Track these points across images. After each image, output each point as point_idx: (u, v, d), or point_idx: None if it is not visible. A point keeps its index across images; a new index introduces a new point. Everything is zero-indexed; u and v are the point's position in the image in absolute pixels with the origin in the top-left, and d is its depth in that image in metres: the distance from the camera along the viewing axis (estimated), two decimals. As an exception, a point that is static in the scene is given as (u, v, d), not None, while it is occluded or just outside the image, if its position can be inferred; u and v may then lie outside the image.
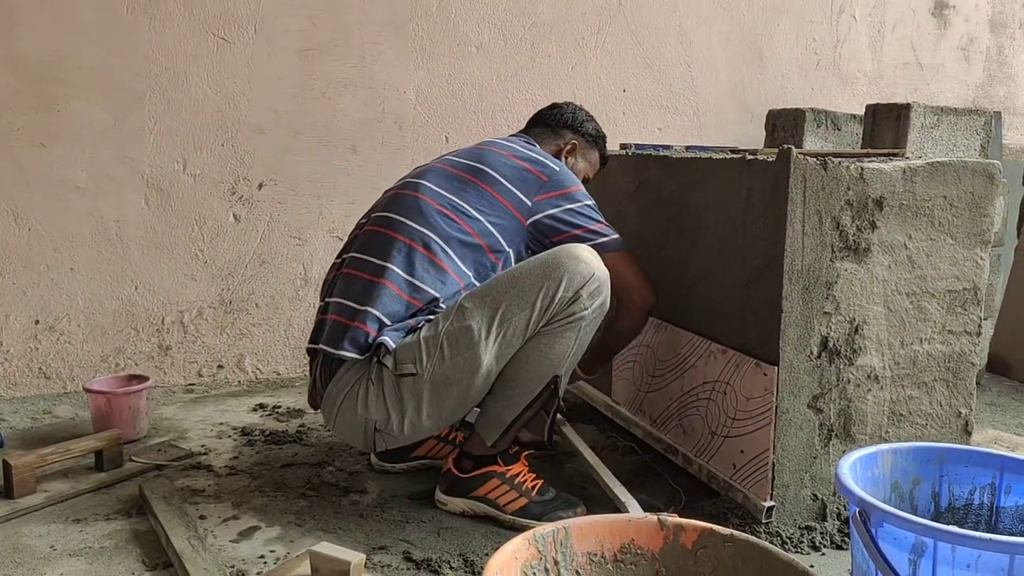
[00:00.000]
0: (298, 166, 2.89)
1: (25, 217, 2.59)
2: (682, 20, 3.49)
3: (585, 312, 1.70)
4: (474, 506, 1.83)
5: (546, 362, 1.71)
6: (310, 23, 2.84)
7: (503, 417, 1.76)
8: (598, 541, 1.34)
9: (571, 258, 1.70)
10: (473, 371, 1.68)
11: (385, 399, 1.72)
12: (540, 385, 1.73)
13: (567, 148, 2.09)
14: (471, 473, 1.82)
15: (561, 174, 1.89)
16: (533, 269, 1.71)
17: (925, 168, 1.80)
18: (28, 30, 2.52)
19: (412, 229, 1.79)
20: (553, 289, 1.67)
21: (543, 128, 2.11)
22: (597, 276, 1.71)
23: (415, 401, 1.71)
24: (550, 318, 1.69)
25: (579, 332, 1.72)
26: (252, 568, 1.60)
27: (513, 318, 1.67)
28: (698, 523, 1.35)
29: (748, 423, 1.81)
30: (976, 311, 1.90)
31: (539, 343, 1.70)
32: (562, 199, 1.86)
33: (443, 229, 1.79)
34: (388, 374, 1.70)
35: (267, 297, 2.91)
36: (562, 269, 1.68)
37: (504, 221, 1.83)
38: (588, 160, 2.14)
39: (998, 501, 1.51)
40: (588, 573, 1.33)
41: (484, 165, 1.87)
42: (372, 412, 1.73)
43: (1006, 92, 4.46)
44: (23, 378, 2.66)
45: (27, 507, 1.84)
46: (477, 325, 1.67)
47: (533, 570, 1.26)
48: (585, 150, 2.13)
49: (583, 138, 2.12)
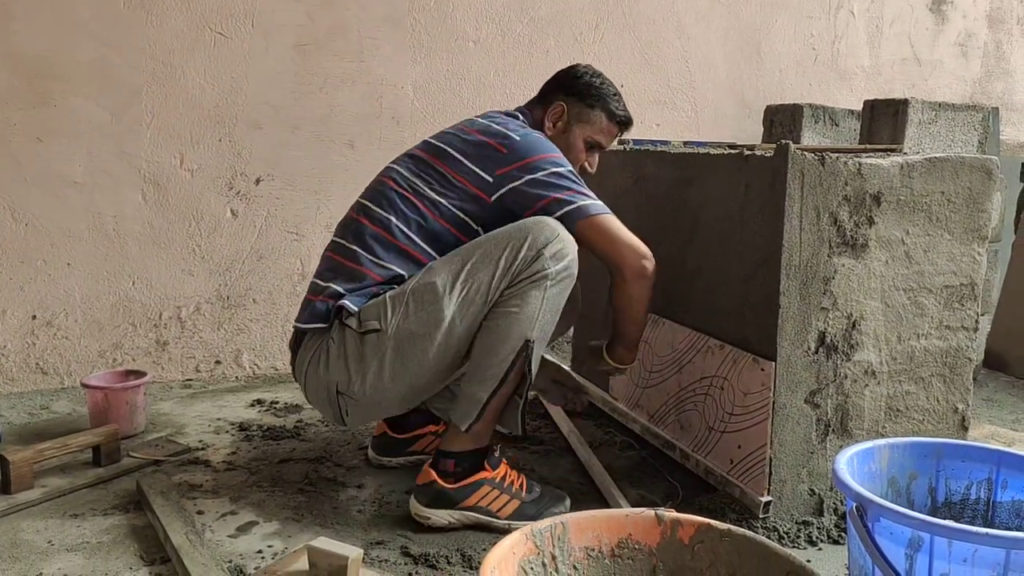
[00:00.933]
0: (296, 161, 2.89)
1: (22, 212, 2.59)
2: (680, 16, 3.48)
3: (548, 270, 1.67)
4: (463, 517, 1.75)
5: (515, 325, 1.67)
6: (307, 18, 2.84)
7: (477, 394, 1.70)
8: (595, 536, 1.34)
9: (536, 223, 1.70)
10: (436, 325, 1.68)
11: (347, 359, 1.72)
12: (512, 352, 1.68)
13: (553, 112, 1.96)
14: (459, 483, 1.74)
15: (522, 143, 1.79)
16: (500, 233, 1.72)
17: (923, 164, 1.80)
18: (25, 25, 2.51)
19: (377, 214, 1.80)
20: (517, 248, 1.67)
21: (538, 99, 2.01)
22: (561, 238, 1.69)
23: (378, 359, 1.70)
24: (513, 277, 1.67)
25: (544, 292, 1.68)
26: (250, 563, 1.61)
27: (477, 275, 1.67)
28: (695, 518, 1.35)
29: (745, 418, 1.81)
30: (973, 307, 1.91)
31: (506, 305, 1.68)
32: (521, 170, 1.76)
33: (404, 213, 1.78)
34: (351, 334, 1.71)
35: (265, 292, 2.91)
36: (526, 230, 1.69)
37: (468, 204, 1.78)
38: (587, 122, 1.96)
39: (995, 496, 1.52)
40: (585, 568, 1.33)
41: (446, 144, 1.83)
42: (332, 373, 1.73)
43: (1004, 88, 4.46)
44: (20, 373, 2.66)
45: (24, 502, 1.84)
46: (442, 281, 1.68)
47: (531, 565, 1.26)
48: (579, 111, 1.96)
49: (575, 97, 1.96)
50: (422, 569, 1.60)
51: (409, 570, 1.60)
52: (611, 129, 1.99)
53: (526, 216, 1.75)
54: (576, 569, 1.32)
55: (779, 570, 1.23)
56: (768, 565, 1.25)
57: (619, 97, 2.00)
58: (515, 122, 1.89)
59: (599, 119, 1.97)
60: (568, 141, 1.95)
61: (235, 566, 1.58)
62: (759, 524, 1.74)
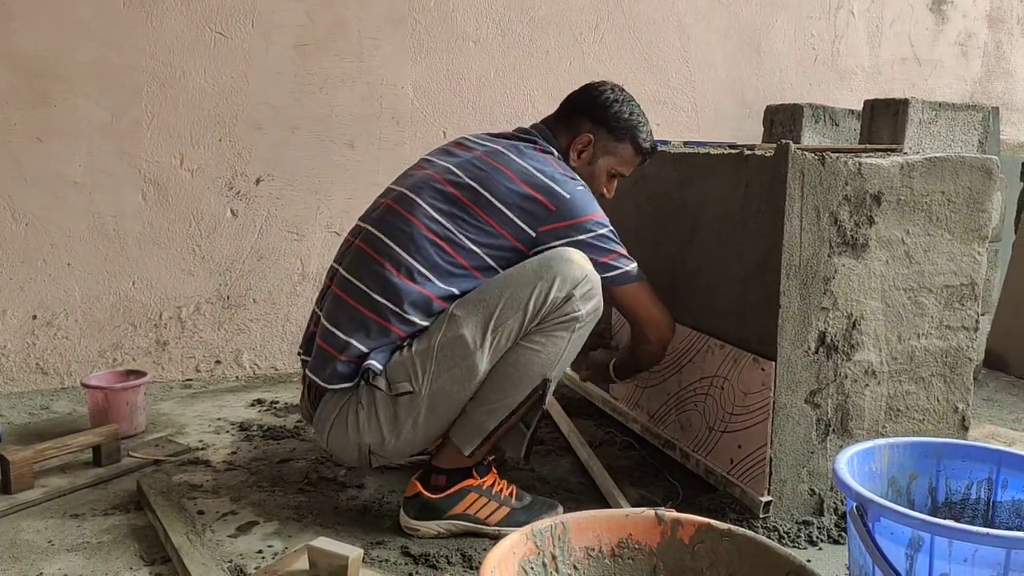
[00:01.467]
0: (296, 161, 2.89)
1: (22, 212, 2.59)
2: (680, 15, 3.48)
3: (579, 312, 1.64)
4: (452, 526, 1.73)
5: (537, 363, 1.65)
6: (307, 18, 2.84)
7: (485, 424, 1.67)
8: (596, 536, 1.34)
9: (562, 260, 1.65)
10: (470, 379, 1.64)
11: (379, 421, 1.67)
12: (528, 389, 1.65)
13: (580, 143, 1.87)
14: (445, 492, 1.72)
15: (571, 202, 1.71)
16: (525, 272, 1.65)
17: (923, 163, 1.80)
18: (25, 25, 2.51)
19: (399, 256, 1.68)
20: (546, 290, 1.62)
21: (562, 117, 1.90)
22: (590, 279, 1.66)
23: (412, 418, 1.66)
24: (542, 319, 1.64)
25: (572, 333, 1.66)
26: (250, 563, 1.61)
27: (507, 322, 1.62)
28: (695, 518, 1.35)
29: (746, 418, 1.81)
30: (973, 306, 1.91)
31: (531, 343, 1.65)
32: (571, 229, 1.70)
33: (432, 258, 1.68)
34: (382, 396, 1.65)
35: (265, 292, 2.91)
36: (554, 270, 1.63)
37: (503, 252, 1.71)
38: (613, 154, 1.89)
39: (995, 496, 1.52)
40: (586, 568, 1.33)
41: (486, 190, 1.70)
42: (365, 435, 1.68)
43: (1004, 88, 4.46)
44: (20, 373, 2.66)
45: (25, 502, 1.84)
46: (471, 333, 1.62)
47: (531, 565, 1.26)
48: (607, 143, 1.88)
49: (604, 129, 1.87)
50: (422, 569, 1.60)
51: (409, 570, 1.60)
52: (635, 160, 1.93)
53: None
54: (576, 569, 1.32)
55: (779, 570, 1.23)
56: (768, 565, 1.25)
57: (647, 126, 1.92)
58: (552, 163, 1.78)
59: (626, 151, 1.90)
60: (592, 172, 1.89)
61: (235, 566, 1.58)
62: (759, 524, 1.74)
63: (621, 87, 1.93)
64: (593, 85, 1.91)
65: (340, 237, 2.94)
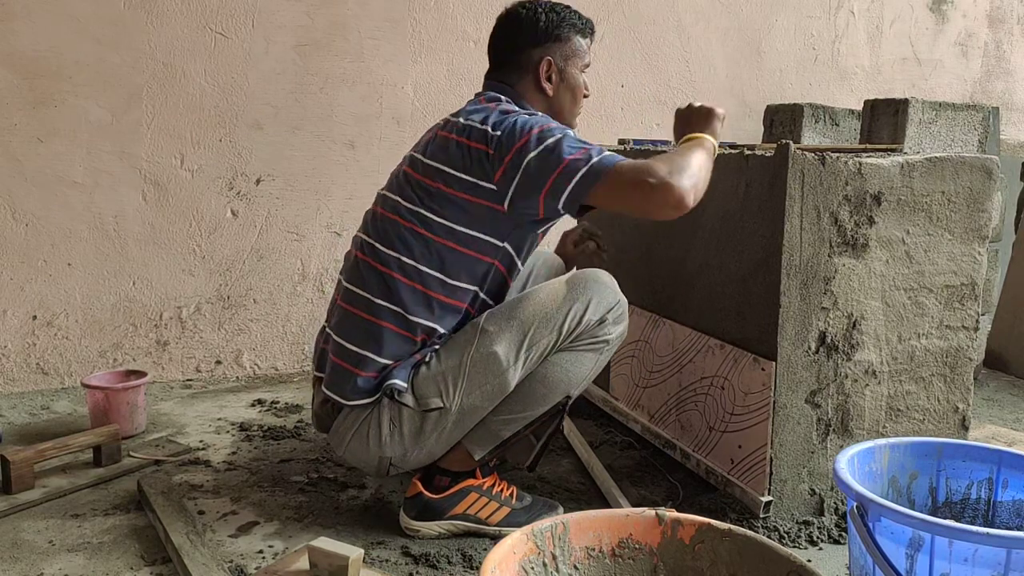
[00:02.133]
0: (296, 161, 2.89)
1: (23, 212, 2.59)
2: (680, 15, 3.48)
3: (610, 336, 1.68)
4: (452, 526, 1.72)
5: (564, 380, 1.66)
6: (307, 18, 2.84)
7: (501, 433, 1.67)
8: (596, 536, 1.34)
9: (596, 282, 1.67)
10: (500, 396, 1.64)
11: (403, 436, 1.65)
12: (551, 404, 1.67)
13: (546, 71, 1.77)
14: (446, 492, 1.71)
15: (503, 134, 1.60)
16: (558, 292, 1.65)
17: (923, 163, 1.80)
18: (25, 25, 2.51)
19: (394, 259, 1.65)
20: (580, 312, 1.63)
21: (506, 63, 1.80)
22: (622, 303, 1.69)
23: (438, 432, 1.65)
24: (574, 339, 1.65)
25: (600, 355, 1.69)
26: (251, 563, 1.61)
27: (540, 342, 1.63)
28: (696, 518, 1.35)
29: (746, 418, 1.81)
30: (974, 306, 1.91)
31: (560, 361, 1.66)
32: (516, 162, 1.57)
33: (420, 250, 1.64)
34: (408, 412, 1.63)
35: (265, 293, 2.91)
36: (589, 292, 1.65)
37: (485, 222, 1.63)
38: (572, 55, 1.80)
39: (995, 496, 1.52)
40: (586, 568, 1.33)
41: (445, 164, 1.65)
42: (387, 450, 1.66)
43: (1004, 87, 4.46)
44: (21, 373, 2.66)
45: (25, 502, 1.84)
46: (504, 351, 1.60)
47: (531, 565, 1.26)
48: (561, 51, 1.78)
49: (550, 42, 1.77)
50: (423, 569, 1.60)
51: (410, 570, 1.60)
52: (588, 45, 1.84)
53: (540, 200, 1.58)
54: (577, 569, 1.32)
55: (780, 570, 1.23)
56: (769, 565, 1.25)
57: (569, 7, 1.82)
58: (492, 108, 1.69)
59: (577, 44, 1.80)
60: (570, 86, 1.81)
61: (236, 566, 1.58)
62: (760, 524, 1.74)
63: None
64: (505, 18, 1.80)
65: (341, 237, 2.95)
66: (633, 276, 2.29)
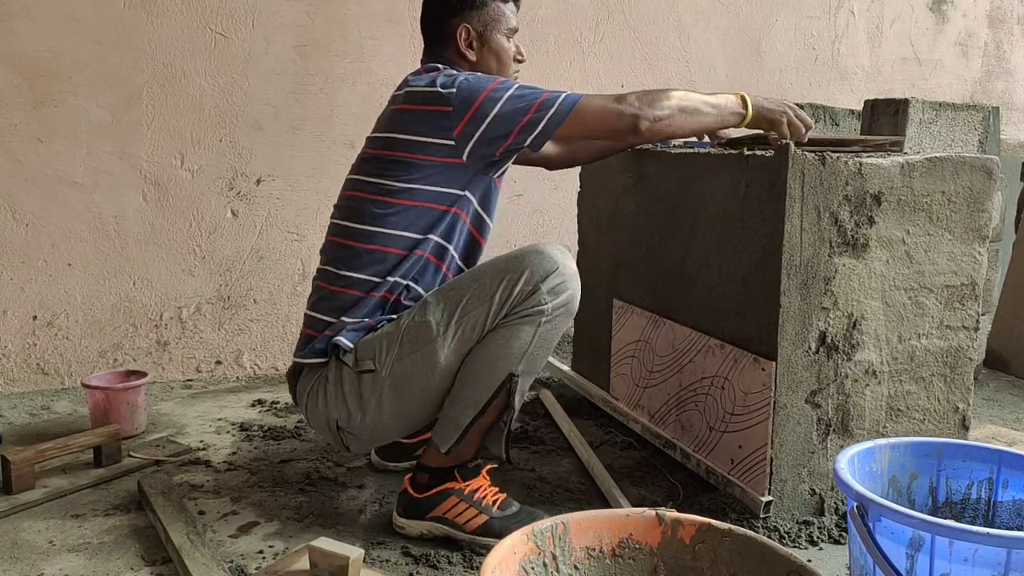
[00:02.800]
0: (296, 161, 2.89)
1: (23, 213, 2.59)
2: (680, 15, 3.48)
3: (544, 307, 1.61)
4: (432, 528, 1.71)
5: (502, 357, 1.62)
6: (307, 18, 2.84)
7: (458, 420, 1.65)
8: (596, 536, 1.34)
9: (535, 252, 1.64)
10: (431, 367, 1.63)
11: (344, 397, 1.68)
12: (495, 383, 1.62)
13: (462, 40, 1.81)
14: (427, 492, 1.71)
15: (460, 92, 1.66)
16: (496, 264, 1.65)
17: (923, 163, 1.80)
18: (25, 25, 2.51)
19: (350, 228, 1.74)
20: (513, 282, 1.60)
21: (432, 38, 1.85)
22: (561, 271, 1.63)
23: (376, 398, 1.67)
24: (508, 311, 1.62)
25: (537, 327, 1.62)
26: (251, 563, 1.61)
27: (472, 312, 1.62)
28: (696, 518, 1.35)
29: (746, 418, 1.81)
30: (974, 306, 1.91)
31: (495, 337, 1.62)
32: (478, 118, 1.65)
33: (375, 213, 1.70)
34: (348, 372, 1.67)
35: (265, 293, 2.91)
36: (525, 263, 1.62)
37: (444, 175, 1.69)
38: (490, 19, 1.82)
39: (996, 496, 1.52)
40: (587, 568, 1.33)
41: (397, 132, 1.72)
42: (332, 410, 1.70)
43: (1004, 87, 4.46)
44: (21, 374, 2.66)
45: (25, 503, 1.84)
46: (435, 320, 1.63)
47: (532, 565, 1.26)
48: (479, 17, 1.81)
49: (467, 10, 1.80)
50: (423, 569, 1.60)
51: (410, 570, 1.60)
52: (511, 7, 1.85)
53: (505, 150, 1.69)
54: (577, 569, 1.32)
55: (780, 570, 1.23)
56: (769, 565, 1.25)
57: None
58: (432, 75, 1.76)
59: (496, 8, 1.81)
60: (493, 50, 1.83)
61: (236, 566, 1.58)
62: (760, 524, 1.74)
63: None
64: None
65: (340, 237, 2.95)
66: (633, 276, 2.29)
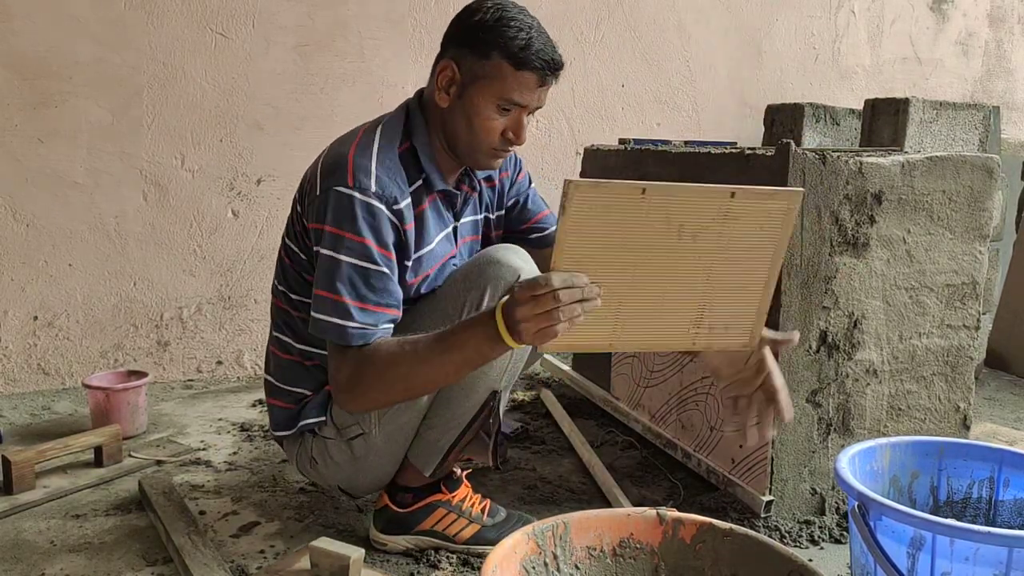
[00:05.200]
0: (297, 161, 2.89)
1: (23, 213, 2.59)
2: (681, 15, 3.48)
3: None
4: (419, 541, 1.64)
5: (482, 378, 1.48)
6: (308, 18, 2.84)
7: (439, 443, 1.53)
8: (597, 535, 1.34)
9: (491, 264, 1.46)
10: (416, 404, 1.51)
11: (339, 465, 1.59)
12: (477, 404, 1.51)
13: (442, 77, 1.46)
14: (412, 507, 1.62)
15: (322, 198, 1.43)
16: (455, 284, 1.50)
17: (924, 163, 1.80)
18: (25, 25, 2.51)
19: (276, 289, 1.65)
20: (477, 301, 1.45)
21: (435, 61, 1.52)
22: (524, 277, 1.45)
23: (374, 454, 1.56)
24: None
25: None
26: (252, 563, 1.61)
27: None
28: (697, 517, 1.35)
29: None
30: (975, 305, 1.90)
31: None
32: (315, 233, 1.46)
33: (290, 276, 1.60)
34: (334, 444, 1.57)
35: (266, 293, 2.91)
36: (484, 278, 1.46)
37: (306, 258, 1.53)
38: (485, 77, 1.43)
39: (997, 495, 1.52)
40: (587, 567, 1.33)
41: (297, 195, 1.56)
42: (330, 477, 1.62)
43: (1005, 87, 4.46)
44: (22, 374, 2.66)
45: (26, 503, 1.84)
46: None
47: (532, 564, 1.26)
48: (472, 65, 1.43)
49: (465, 48, 1.43)
50: (423, 569, 1.60)
51: (410, 570, 1.60)
52: (524, 79, 1.42)
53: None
54: (578, 568, 1.32)
55: (781, 569, 1.23)
56: (770, 564, 1.25)
57: (525, 32, 1.41)
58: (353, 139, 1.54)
59: (500, 68, 1.41)
60: (467, 109, 1.45)
61: (237, 566, 1.58)
62: (761, 523, 1.74)
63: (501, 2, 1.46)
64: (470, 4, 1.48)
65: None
66: (634, 276, 2.29)
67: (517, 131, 1.48)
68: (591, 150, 2.53)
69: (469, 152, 1.51)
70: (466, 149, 1.51)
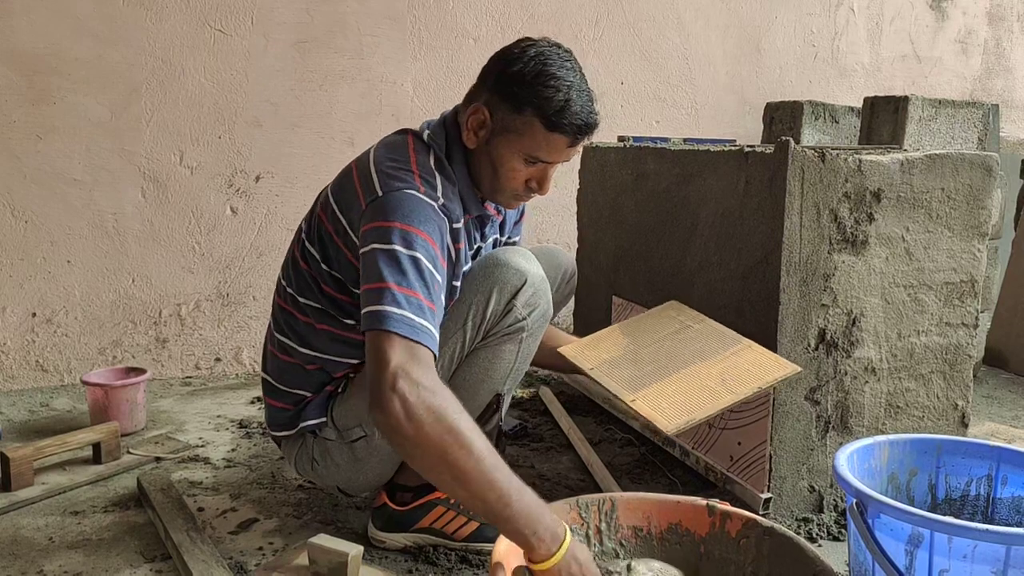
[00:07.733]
0: (295, 159, 2.89)
1: (22, 210, 2.59)
2: (680, 12, 3.48)
3: (524, 322, 1.50)
4: (418, 539, 1.64)
5: (487, 381, 1.52)
6: (307, 15, 2.83)
7: None
8: (645, 517, 1.36)
9: (498, 266, 1.48)
10: None
11: (340, 467, 1.59)
12: (481, 406, 1.54)
13: (473, 119, 1.45)
14: (411, 504, 1.63)
15: (385, 199, 1.35)
16: (462, 286, 1.51)
17: (923, 160, 1.80)
18: (24, 22, 2.51)
19: (286, 291, 1.60)
20: (483, 305, 1.47)
21: (471, 92, 1.50)
22: (531, 282, 1.49)
23: (375, 456, 1.57)
24: (485, 334, 1.51)
25: (520, 344, 1.53)
26: (250, 560, 1.61)
27: (448, 342, 1.49)
28: (744, 513, 1.37)
29: (745, 415, 1.81)
30: (973, 303, 1.91)
31: (476, 360, 1.53)
32: (371, 233, 1.33)
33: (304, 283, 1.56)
34: (335, 445, 1.58)
35: (264, 290, 2.91)
36: (490, 280, 1.47)
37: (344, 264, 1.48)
38: (514, 131, 1.42)
39: (994, 492, 1.52)
40: (632, 546, 1.35)
41: (330, 191, 1.53)
42: (330, 479, 1.62)
43: (1004, 85, 4.46)
44: (20, 371, 2.66)
45: (25, 499, 1.84)
46: None
47: (575, 533, 1.25)
48: (505, 116, 1.42)
49: (500, 96, 1.42)
50: (422, 566, 1.60)
51: (409, 567, 1.60)
52: (554, 140, 1.42)
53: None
54: (623, 546, 1.34)
55: (807, 570, 1.24)
56: (799, 565, 1.26)
57: (567, 90, 1.39)
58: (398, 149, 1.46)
59: (531, 127, 1.41)
60: (492, 157, 1.46)
61: (236, 563, 1.58)
62: (759, 521, 1.74)
63: (556, 46, 1.44)
64: (518, 44, 1.46)
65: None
66: (632, 273, 2.29)
67: (542, 183, 1.49)
68: (590, 148, 2.53)
69: (491, 193, 1.52)
70: (489, 189, 1.52)
